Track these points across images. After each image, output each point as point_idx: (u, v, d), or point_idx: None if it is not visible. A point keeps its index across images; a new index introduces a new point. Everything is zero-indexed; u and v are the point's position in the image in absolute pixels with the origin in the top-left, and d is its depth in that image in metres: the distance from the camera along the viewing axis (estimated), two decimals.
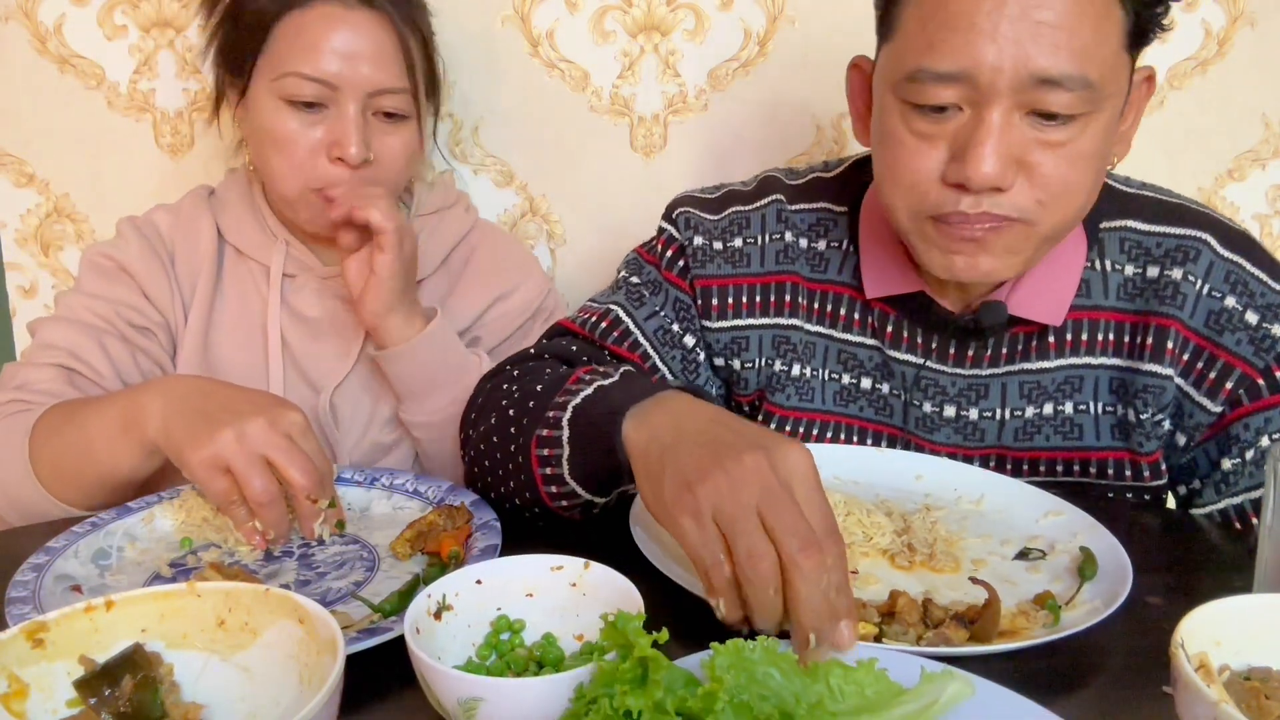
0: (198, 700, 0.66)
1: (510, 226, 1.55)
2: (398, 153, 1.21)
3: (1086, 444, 1.06)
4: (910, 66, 0.91)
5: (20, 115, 1.45)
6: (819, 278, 1.12)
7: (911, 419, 1.09)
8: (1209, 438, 1.03)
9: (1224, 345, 1.00)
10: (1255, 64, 1.46)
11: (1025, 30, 0.86)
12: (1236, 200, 1.53)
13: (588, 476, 0.87)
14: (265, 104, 1.17)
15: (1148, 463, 1.04)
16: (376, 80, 1.16)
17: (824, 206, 1.13)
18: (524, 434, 0.91)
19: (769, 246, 1.12)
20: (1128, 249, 1.04)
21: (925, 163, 0.93)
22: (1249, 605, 0.67)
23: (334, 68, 1.14)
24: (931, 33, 0.90)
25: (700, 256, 1.12)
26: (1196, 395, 1.02)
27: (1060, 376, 1.05)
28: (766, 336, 1.12)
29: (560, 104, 1.48)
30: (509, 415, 0.94)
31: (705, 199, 1.16)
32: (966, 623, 0.77)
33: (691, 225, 1.13)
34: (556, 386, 0.91)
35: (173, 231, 1.27)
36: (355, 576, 0.86)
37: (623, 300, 1.13)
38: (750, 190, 1.15)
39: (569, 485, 0.88)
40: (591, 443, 0.84)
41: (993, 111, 0.88)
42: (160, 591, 0.68)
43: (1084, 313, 1.04)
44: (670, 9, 1.45)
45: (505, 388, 0.99)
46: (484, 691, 0.59)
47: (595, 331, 1.10)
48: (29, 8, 1.40)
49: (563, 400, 0.88)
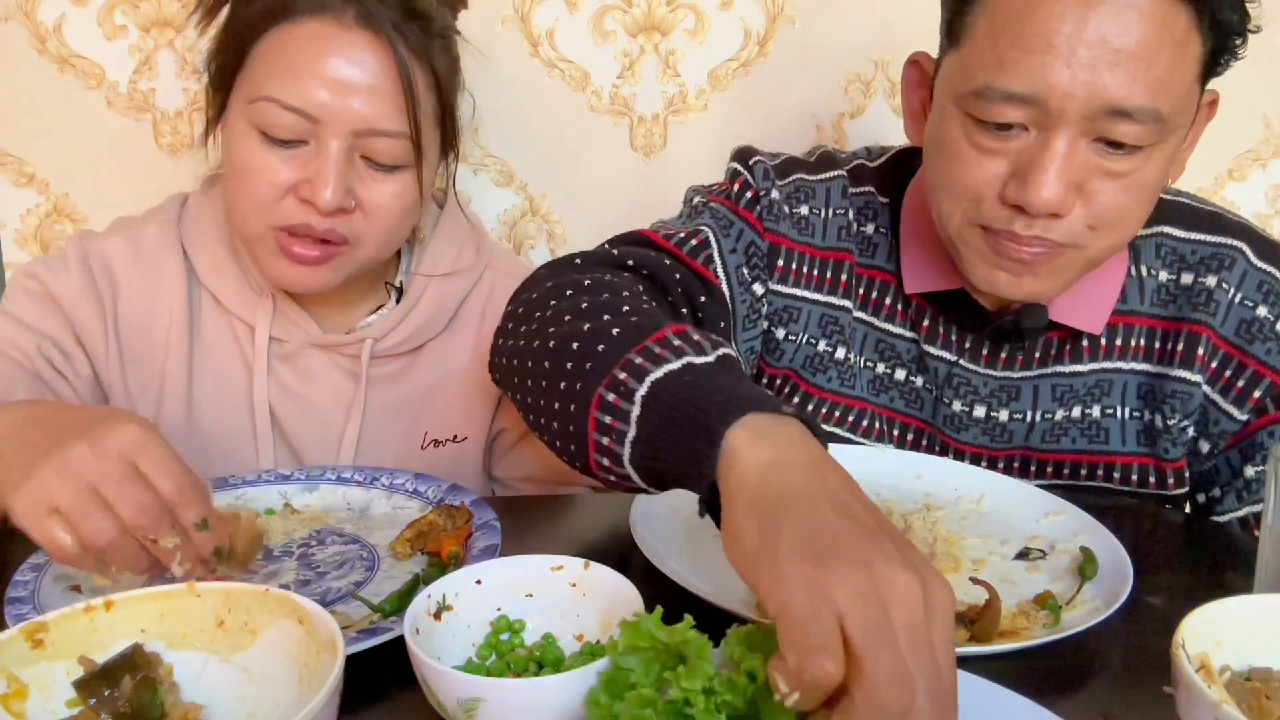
0: (197, 700, 0.65)
1: (510, 226, 1.55)
2: (388, 205, 1.02)
3: (1112, 448, 1.06)
4: (978, 82, 0.88)
5: (20, 115, 1.45)
6: (867, 262, 1.10)
7: (940, 416, 1.09)
8: (1233, 445, 1.03)
9: (1254, 354, 1.01)
10: (1255, 64, 1.45)
11: (1102, 57, 0.83)
12: (1236, 200, 1.53)
13: (652, 469, 0.70)
14: (236, 128, 1.00)
15: (1172, 469, 1.05)
16: (366, 118, 0.97)
17: (870, 191, 1.11)
18: (584, 380, 0.73)
19: (832, 221, 1.09)
20: (1163, 255, 1.04)
21: (984, 176, 0.91)
22: (1249, 605, 0.67)
23: (317, 97, 0.96)
24: (1003, 50, 0.87)
25: (775, 212, 1.08)
26: (1223, 403, 1.02)
27: (1091, 380, 1.05)
28: (815, 313, 1.09)
29: (560, 104, 1.48)
30: (570, 349, 0.76)
31: (771, 159, 1.11)
32: (966, 623, 0.77)
33: (769, 177, 1.09)
34: (635, 336, 0.73)
35: (129, 271, 1.09)
36: (355, 576, 0.86)
37: (710, 224, 1.04)
38: (813, 161, 1.13)
39: (625, 469, 0.72)
40: (672, 432, 0.67)
41: (1059, 137, 0.86)
42: (160, 591, 0.67)
43: (1120, 318, 1.04)
44: (670, 9, 1.44)
45: (567, 302, 0.83)
46: (484, 691, 0.59)
47: (685, 249, 1.01)
48: (29, 8, 1.40)
49: (641, 363, 0.70)
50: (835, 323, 1.10)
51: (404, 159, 1.01)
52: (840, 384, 1.10)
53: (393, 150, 1.00)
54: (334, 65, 0.96)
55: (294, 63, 0.97)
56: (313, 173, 0.98)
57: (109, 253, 1.09)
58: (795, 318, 1.09)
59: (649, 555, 0.83)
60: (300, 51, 0.97)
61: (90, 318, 1.06)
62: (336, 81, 0.96)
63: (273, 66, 0.98)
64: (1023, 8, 0.86)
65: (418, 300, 1.15)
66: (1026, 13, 0.85)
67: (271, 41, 0.98)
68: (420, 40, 1.01)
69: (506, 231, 1.55)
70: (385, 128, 0.99)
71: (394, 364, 1.16)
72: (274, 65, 0.98)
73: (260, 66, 0.98)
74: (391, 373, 1.16)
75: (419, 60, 1.01)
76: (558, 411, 0.76)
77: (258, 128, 0.98)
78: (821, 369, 1.10)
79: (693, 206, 1.10)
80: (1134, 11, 0.83)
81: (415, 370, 1.17)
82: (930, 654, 0.55)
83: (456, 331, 1.18)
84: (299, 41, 0.97)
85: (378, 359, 1.14)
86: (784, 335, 1.10)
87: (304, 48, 0.97)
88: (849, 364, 1.10)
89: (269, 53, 0.98)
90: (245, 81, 1.00)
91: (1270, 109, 1.49)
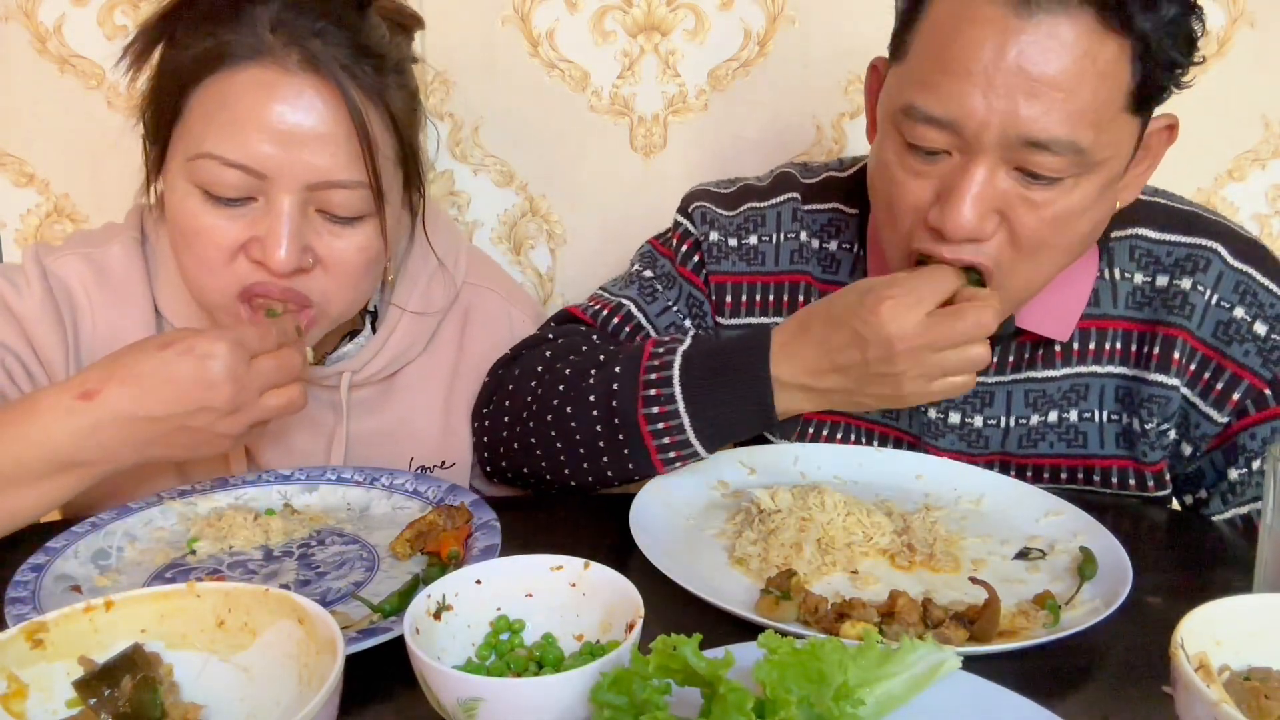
0: (197, 700, 0.66)
1: (510, 227, 1.55)
2: (350, 260, 0.95)
3: (1090, 452, 1.05)
4: (905, 99, 0.89)
5: (20, 115, 1.45)
6: (830, 279, 1.11)
7: (917, 424, 1.09)
8: (1215, 448, 1.03)
9: (1232, 356, 1.00)
10: (1255, 64, 1.46)
11: (1020, 86, 0.82)
12: (1236, 200, 1.53)
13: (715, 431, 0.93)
14: (176, 187, 0.92)
15: (1151, 472, 1.04)
16: (319, 170, 0.89)
17: (835, 207, 1.11)
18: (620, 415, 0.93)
19: (784, 245, 1.11)
20: (1137, 257, 1.03)
21: (913, 200, 0.91)
22: (1249, 605, 0.67)
23: (262, 151, 0.88)
24: (928, 71, 0.87)
25: (715, 253, 1.11)
26: (1203, 406, 1.01)
27: (1066, 385, 1.05)
28: None
29: (560, 104, 1.48)
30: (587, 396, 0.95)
31: (721, 194, 1.14)
32: (966, 623, 0.77)
33: (707, 220, 1.12)
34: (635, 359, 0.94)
35: (91, 293, 1.02)
36: (355, 576, 0.86)
37: (635, 295, 1.12)
38: (766, 186, 1.14)
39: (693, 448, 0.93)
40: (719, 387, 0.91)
41: (979, 164, 0.86)
42: (160, 592, 0.68)
43: (1092, 322, 1.04)
44: (670, 9, 1.44)
45: (550, 368, 1.00)
46: (484, 691, 0.59)
47: (607, 326, 1.10)
48: (29, 8, 1.40)
49: (657, 376, 0.92)
50: None
51: (364, 209, 0.94)
52: None
53: (351, 201, 0.92)
54: (279, 114, 0.88)
55: (235, 114, 0.88)
56: (263, 231, 0.90)
57: (67, 273, 1.02)
58: None
59: (649, 555, 0.83)
60: (240, 101, 0.88)
61: (51, 340, 1.00)
62: (282, 132, 0.88)
63: (211, 119, 0.89)
64: (950, 30, 0.85)
65: (394, 329, 1.10)
66: (952, 36, 0.85)
67: (209, 91, 0.90)
68: (373, 81, 0.92)
69: (506, 231, 1.55)
70: (341, 178, 0.91)
71: (372, 389, 1.12)
72: (213, 118, 0.89)
73: (198, 119, 0.90)
74: (370, 398, 1.12)
75: (373, 102, 0.92)
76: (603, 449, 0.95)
77: (199, 186, 0.90)
78: None
79: (628, 275, 1.16)
80: (1054, 42, 0.82)
81: (395, 395, 1.13)
82: None
83: (435, 352, 1.14)
84: (239, 90, 0.89)
85: (355, 387, 1.10)
86: None
87: (244, 97, 0.88)
88: None
89: (206, 103, 0.90)
90: (183, 135, 0.91)
91: (1270, 109, 1.49)
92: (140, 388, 0.84)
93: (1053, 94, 0.82)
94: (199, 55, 0.90)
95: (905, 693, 0.62)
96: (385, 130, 0.94)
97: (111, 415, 0.84)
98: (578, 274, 1.56)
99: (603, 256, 1.53)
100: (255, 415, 0.89)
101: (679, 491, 0.98)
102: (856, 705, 0.59)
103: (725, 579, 0.86)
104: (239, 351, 0.86)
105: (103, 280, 1.03)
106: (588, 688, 0.60)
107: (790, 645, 0.60)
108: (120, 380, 0.84)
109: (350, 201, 0.92)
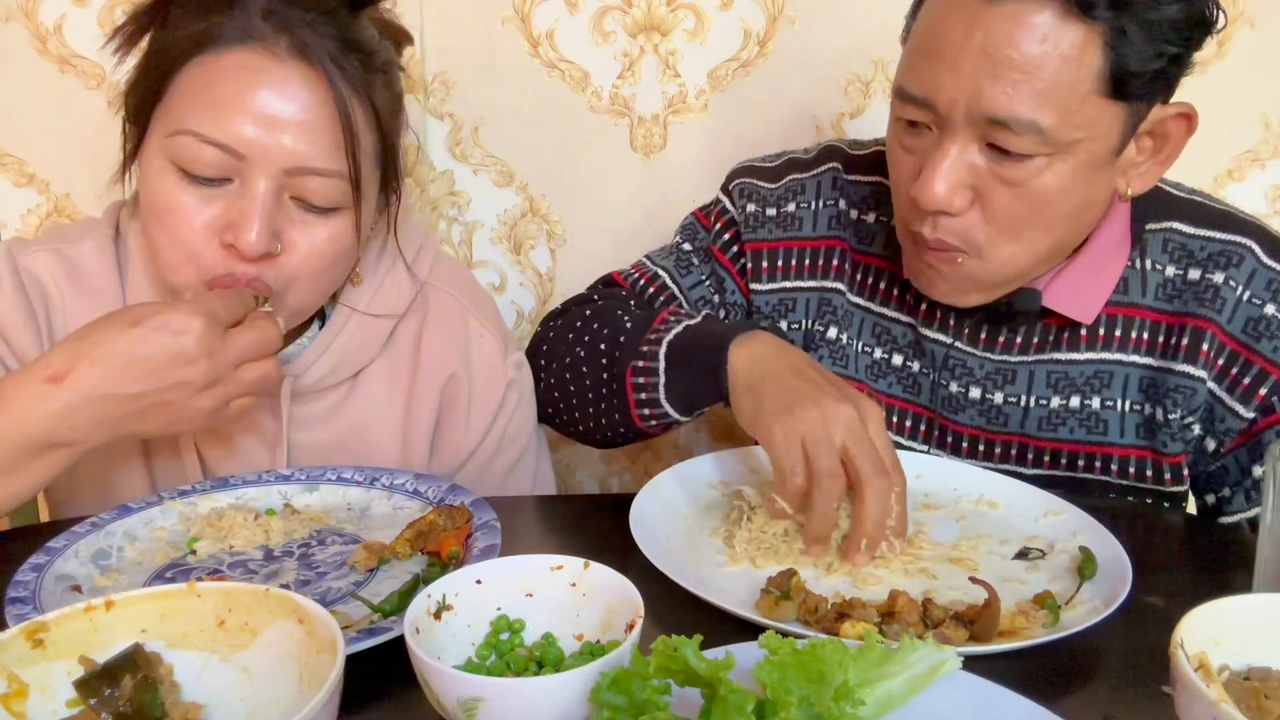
0: (198, 700, 0.66)
1: (510, 227, 1.55)
2: (320, 249, 0.94)
3: (1110, 440, 1.06)
4: (897, 81, 0.95)
5: (20, 115, 1.45)
6: (864, 250, 1.15)
7: (939, 398, 1.10)
8: (1240, 444, 1.03)
9: (1260, 352, 1.00)
10: (1255, 64, 1.46)
11: (984, 68, 0.88)
12: (1236, 200, 1.53)
13: (682, 399, 1.00)
14: (153, 164, 0.92)
15: (1169, 464, 1.04)
16: (298, 155, 0.89)
17: (879, 180, 1.15)
18: (618, 365, 1.02)
19: (822, 212, 1.16)
20: (1170, 250, 1.04)
21: (904, 173, 0.98)
22: (1249, 605, 0.67)
23: (244, 132, 0.88)
24: (910, 53, 0.94)
25: (752, 223, 1.17)
26: (1229, 400, 1.02)
27: (1090, 370, 1.06)
28: (813, 299, 1.17)
29: (560, 104, 1.48)
30: (600, 349, 1.05)
31: (764, 168, 1.20)
32: (966, 623, 0.77)
33: (746, 194, 1.18)
34: (645, 326, 1.03)
35: (63, 290, 1.01)
36: (355, 576, 0.86)
37: (671, 267, 1.20)
38: (810, 158, 1.20)
39: (663, 408, 1.01)
40: (693, 366, 0.97)
41: (952, 140, 0.92)
42: (160, 591, 0.68)
43: (1120, 309, 1.05)
44: (670, 9, 1.45)
45: (582, 325, 1.09)
46: (484, 691, 0.59)
47: (644, 294, 1.18)
48: (29, 8, 1.40)
49: (655, 338, 1.00)
50: (829, 304, 1.16)
51: (341, 200, 0.93)
52: (834, 365, 1.16)
53: (328, 191, 0.92)
54: (263, 98, 0.88)
55: (218, 94, 0.89)
56: (236, 214, 0.90)
57: (39, 269, 1.01)
58: (793, 307, 1.17)
59: (649, 555, 0.83)
60: (226, 83, 0.89)
61: (25, 339, 1.00)
62: (265, 116, 0.88)
63: (195, 98, 0.89)
64: (932, 15, 0.93)
65: (341, 330, 1.05)
66: (933, 20, 0.92)
67: (194, 71, 0.90)
68: (360, 75, 0.93)
69: (506, 231, 1.55)
70: (319, 166, 0.91)
71: (327, 399, 1.07)
72: (196, 97, 0.89)
73: (181, 98, 0.90)
74: (323, 411, 1.07)
75: (358, 95, 0.93)
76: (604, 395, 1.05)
77: (176, 164, 0.90)
78: (815, 349, 1.16)
79: (670, 245, 1.24)
80: (1017, 26, 0.86)
81: (350, 405, 1.08)
82: (872, 450, 0.85)
83: (393, 357, 1.09)
84: (225, 72, 0.89)
85: (306, 395, 1.05)
86: (787, 326, 1.18)
87: (230, 79, 0.89)
88: (841, 346, 1.15)
89: (191, 83, 0.90)
90: (164, 114, 0.91)
91: (1270, 109, 1.49)
92: (112, 366, 0.83)
93: (1014, 75, 0.87)
94: (189, 36, 0.90)
95: (905, 693, 0.62)
96: (368, 125, 0.95)
97: (84, 396, 0.83)
98: (578, 274, 1.56)
99: (603, 256, 1.52)
100: (232, 389, 0.89)
101: (679, 491, 0.99)
102: (856, 705, 0.59)
103: (725, 579, 0.86)
104: (214, 326, 0.86)
105: (74, 276, 1.02)
106: (588, 688, 0.60)
107: (791, 646, 0.60)
108: (91, 360, 0.83)
109: (326, 191, 0.92)
